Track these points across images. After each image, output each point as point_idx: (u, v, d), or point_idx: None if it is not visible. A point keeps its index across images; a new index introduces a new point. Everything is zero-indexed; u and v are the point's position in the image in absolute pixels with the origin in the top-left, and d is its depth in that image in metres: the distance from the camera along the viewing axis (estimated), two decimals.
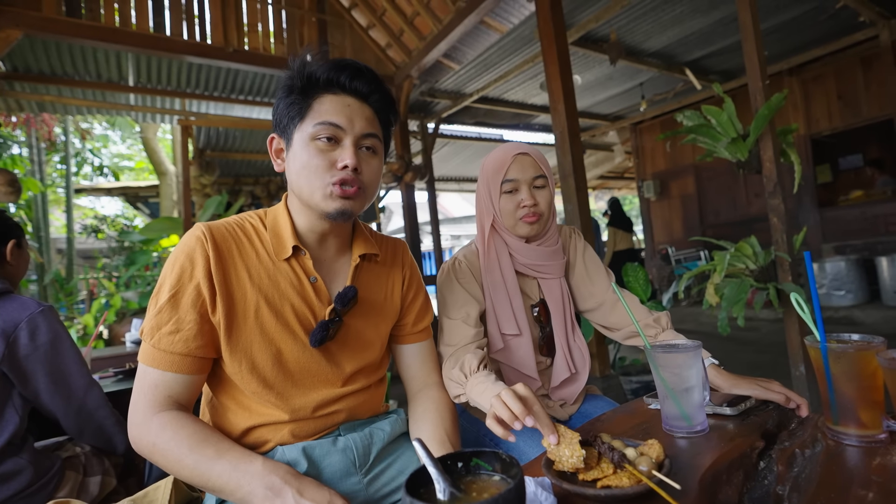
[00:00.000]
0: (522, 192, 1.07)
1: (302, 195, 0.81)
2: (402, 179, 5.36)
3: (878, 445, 0.65)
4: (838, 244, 5.85)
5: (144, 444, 0.73)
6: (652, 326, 1.07)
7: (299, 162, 0.79)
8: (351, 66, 0.81)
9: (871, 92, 5.56)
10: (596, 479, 0.57)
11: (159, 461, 0.73)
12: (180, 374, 0.75)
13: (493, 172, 1.09)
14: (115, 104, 5.24)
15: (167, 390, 0.75)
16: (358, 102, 0.81)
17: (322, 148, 0.78)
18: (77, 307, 6.53)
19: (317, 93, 0.80)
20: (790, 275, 2.29)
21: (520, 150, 1.08)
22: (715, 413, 0.83)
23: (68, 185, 7.43)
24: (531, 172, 1.07)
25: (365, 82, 0.81)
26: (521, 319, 1.08)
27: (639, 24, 4.61)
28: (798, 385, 2.31)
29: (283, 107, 0.81)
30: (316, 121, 0.78)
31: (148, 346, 0.75)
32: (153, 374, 0.75)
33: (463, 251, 1.16)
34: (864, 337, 0.70)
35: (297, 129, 0.79)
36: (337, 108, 0.79)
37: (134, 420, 0.75)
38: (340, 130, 0.78)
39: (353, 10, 4.88)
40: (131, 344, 2.50)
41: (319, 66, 0.80)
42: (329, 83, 0.80)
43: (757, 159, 2.38)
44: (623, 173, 11.77)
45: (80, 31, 3.42)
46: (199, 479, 0.71)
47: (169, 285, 0.75)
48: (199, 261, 0.76)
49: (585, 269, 1.19)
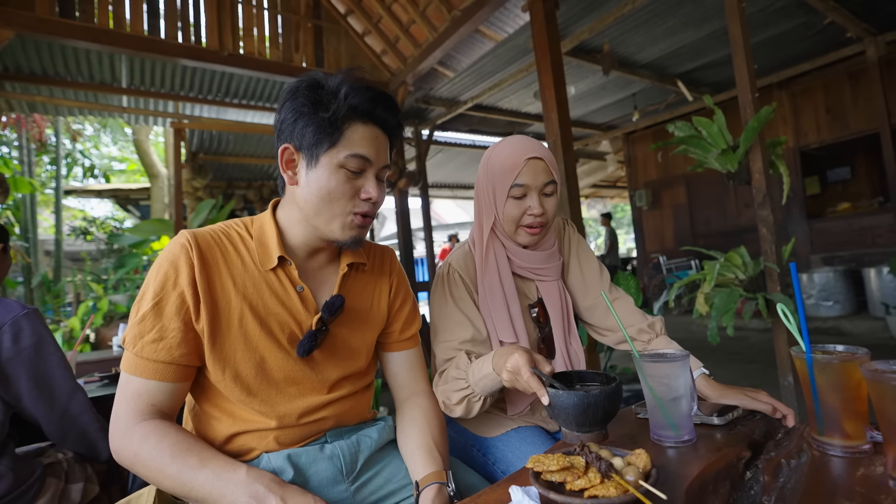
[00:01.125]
0: (531, 198, 1.01)
1: (318, 218, 0.81)
2: (396, 185, 5.37)
3: (862, 456, 0.65)
4: (826, 255, 5.92)
5: (126, 454, 0.72)
6: (646, 332, 1.07)
7: (324, 186, 0.78)
8: (386, 99, 0.81)
9: (859, 106, 5.67)
10: (583, 488, 0.57)
11: (141, 472, 0.72)
12: (164, 383, 0.74)
13: (501, 173, 1.02)
14: (108, 106, 5.20)
15: (150, 399, 0.74)
16: (383, 134, 0.83)
17: (349, 177, 0.79)
18: (64, 310, 6.45)
19: (351, 121, 0.78)
20: (779, 285, 2.32)
21: (533, 153, 1.01)
22: (702, 423, 0.83)
23: (58, 187, 7.36)
24: (543, 178, 1.01)
25: (394, 114, 0.83)
26: (518, 326, 1.06)
27: (632, 35, 4.68)
28: (786, 395, 2.32)
29: (311, 125, 0.77)
30: (349, 151, 0.78)
31: (130, 355, 0.74)
32: (136, 383, 0.74)
33: (455, 255, 1.12)
34: (848, 348, 0.71)
35: (325, 154, 0.78)
36: (367, 139, 0.80)
37: (116, 430, 0.73)
38: (368, 163, 0.80)
39: (349, 17, 4.90)
40: (118, 348, 2.47)
41: (358, 94, 0.78)
42: (365, 113, 0.79)
43: (747, 170, 2.41)
44: (616, 182, 11.88)
45: (73, 31, 3.39)
46: (182, 490, 0.70)
47: (152, 293, 0.74)
48: (183, 268, 0.75)
49: (580, 267, 1.17)
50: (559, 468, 0.60)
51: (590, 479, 0.58)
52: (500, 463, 1.02)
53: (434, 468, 0.80)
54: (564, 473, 0.59)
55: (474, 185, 1.14)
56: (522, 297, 1.11)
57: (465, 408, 0.96)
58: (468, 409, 0.96)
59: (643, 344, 1.07)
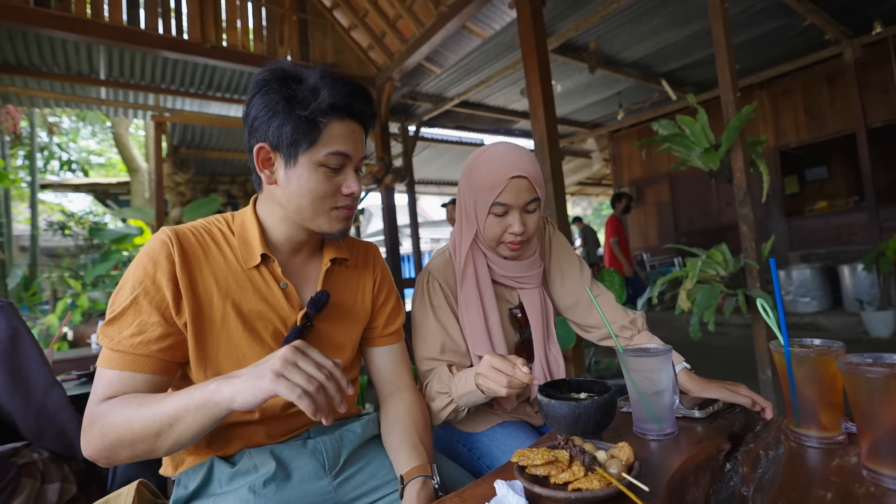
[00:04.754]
0: (513, 217, 0.98)
1: (302, 215, 0.80)
2: (382, 182, 5.34)
3: (837, 447, 0.67)
4: (804, 252, 6.07)
5: (93, 434, 0.67)
6: (627, 328, 1.08)
7: (305, 185, 0.78)
8: (362, 92, 0.80)
9: (836, 107, 5.80)
10: (567, 481, 0.58)
11: (110, 436, 0.65)
12: (139, 374, 0.71)
13: (482, 190, 0.98)
14: (86, 98, 5.07)
15: (122, 388, 0.70)
16: (360, 127, 0.82)
17: (329, 175, 0.79)
18: (40, 307, 6.28)
19: (327, 118, 0.76)
20: (758, 281, 2.37)
21: (516, 171, 0.95)
22: (684, 416, 0.84)
23: (33, 180, 7.14)
24: (525, 197, 0.97)
25: (370, 105, 0.82)
26: (496, 337, 1.04)
27: (617, 34, 4.72)
28: (765, 388, 2.38)
29: (288, 124, 0.75)
30: (329, 150, 0.77)
31: (107, 351, 0.71)
32: (108, 374, 0.70)
33: (435, 263, 1.10)
34: (824, 342, 0.73)
35: (304, 153, 0.76)
36: (346, 134, 0.79)
37: (84, 423, 0.69)
38: (347, 159, 0.80)
39: (334, 11, 4.84)
40: (97, 346, 2.41)
41: (333, 91, 0.76)
42: (341, 109, 0.77)
43: (728, 169, 2.45)
44: (601, 180, 11.98)
45: (48, 20, 3.29)
46: (157, 424, 0.64)
47: (130, 287, 0.72)
48: (163, 263, 0.74)
49: (560, 266, 1.17)
50: (544, 462, 0.60)
51: (574, 473, 0.58)
52: (486, 457, 1.03)
53: (419, 462, 0.80)
54: (549, 467, 0.60)
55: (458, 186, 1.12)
56: (503, 301, 1.10)
57: (453, 418, 0.97)
58: (455, 417, 0.97)
59: (625, 340, 1.08)
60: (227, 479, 0.78)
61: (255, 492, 0.76)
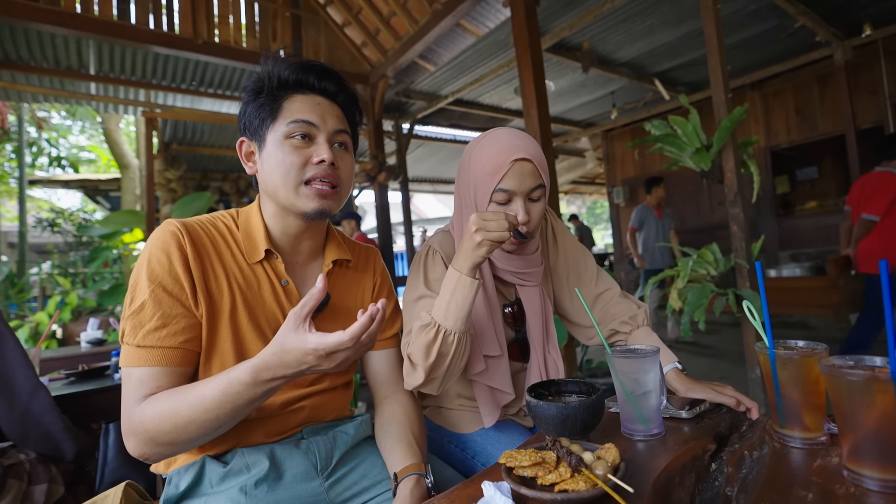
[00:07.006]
0: (516, 204, 0.91)
1: (278, 195, 0.80)
2: (376, 179, 5.32)
3: (820, 447, 0.68)
4: (794, 252, 6.13)
5: (139, 437, 0.67)
6: (627, 324, 1.04)
7: (274, 161, 0.78)
8: (318, 67, 0.83)
9: (826, 108, 5.86)
10: (554, 483, 0.58)
11: (164, 432, 0.67)
12: (170, 368, 0.71)
13: (484, 175, 0.91)
14: (75, 93, 5.01)
15: (156, 384, 0.70)
16: (327, 101, 0.83)
17: (297, 145, 0.79)
18: (29, 305, 6.21)
19: (286, 94, 0.80)
20: (748, 281, 2.39)
21: (520, 153, 0.89)
22: (672, 416, 0.85)
23: (21, 176, 7.05)
24: (529, 183, 0.90)
25: (332, 82, 0.83)
26: (501, 337, 0.99)
27: (611, 34, 4.73)
28: (753, 387, 2.40)
29: (253, 109, 0.81)
30: (289, 119, 0.79)
31: (130, 348, 0.70)
32: (138, 373, 0.70)
33: (438, 239, 1.03)
34: (808, 344, 0.73)
35: (269, 130, 0.79)
36: (308, 106, 0.80)
37: (124, 427, 0.69)
38: (314, 128, 0.80)
39: (328, 7, 4.82)
40: (86, 344, 2.39)
41: (287, 67, 0.80)
42: (298, 84, 0.81)
43: (719, 169, 2.47)
44: (594, 179, 12.03)
45: (36, 14, 3.25)
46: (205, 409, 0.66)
47: (147, 281, 0.72)
48: (176, 254, 0.74)
49: (566, 263, 1.11)
50: (531, 463, 0.61)
51: (560, 474, 0.59)
52: (481, 456, 1.01)
53: (413, 460, 0.80)
54: (536, 468, 0.60)
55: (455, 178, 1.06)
56: (500, 295, 1.07)
57: (436, 358, 0.82)
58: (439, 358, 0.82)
59: (623, 336, 1.05)
60: (219, 480, 0.78)
61: (246, 492, 0.76)
